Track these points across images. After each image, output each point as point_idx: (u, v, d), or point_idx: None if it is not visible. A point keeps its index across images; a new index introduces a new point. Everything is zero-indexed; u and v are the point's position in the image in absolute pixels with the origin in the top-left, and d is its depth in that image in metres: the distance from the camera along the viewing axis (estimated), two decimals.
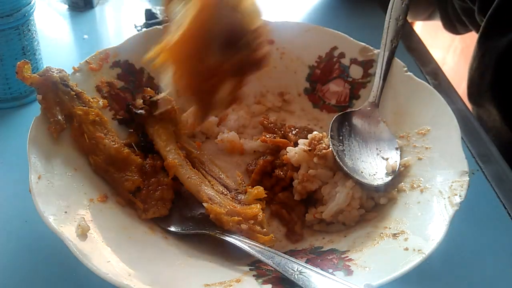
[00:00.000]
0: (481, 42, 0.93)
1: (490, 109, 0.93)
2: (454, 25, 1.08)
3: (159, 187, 0.65)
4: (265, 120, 0.78)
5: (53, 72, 0.65)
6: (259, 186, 0.66)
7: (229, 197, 0.65)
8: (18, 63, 0.63)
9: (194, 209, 0.65)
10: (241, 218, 0.61)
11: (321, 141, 0.68)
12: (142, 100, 0.71)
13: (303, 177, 0.67)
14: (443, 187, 0.60)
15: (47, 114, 0.64)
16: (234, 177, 0.72)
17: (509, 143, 0.84)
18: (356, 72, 0.81)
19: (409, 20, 1.36)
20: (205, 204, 0.62)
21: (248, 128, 0.82)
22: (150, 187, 0.65)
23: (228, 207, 0.62)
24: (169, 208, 0.65)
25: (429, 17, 1.20)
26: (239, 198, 0.66)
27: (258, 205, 0.63)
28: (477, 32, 0.93)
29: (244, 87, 0.63)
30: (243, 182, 0.71)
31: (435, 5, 1.12)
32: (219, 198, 0.63)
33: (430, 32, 1.55)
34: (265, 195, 0.66)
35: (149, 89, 0.74)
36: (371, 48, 0.80)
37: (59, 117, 0.64)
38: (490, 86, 0.91)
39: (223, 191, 0.67)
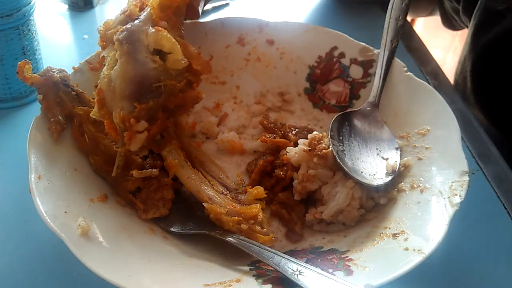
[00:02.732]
0: (466, 45, 0.94)
1: (476, 112, 0.93)
2: (450, 21, 1.09)
3: (159, 187, 0.65)
4: (265, 120, 0.78)
5: (54, 72, 0.65)
6: (259, 186, 0.66)
7: (229, 197, 0.65)
8: (19, 63, 0.63)
9: (194, 209, 0.65)
10: (241, 218, 0.61)
11: (321, 141, 0.68)
12: None
13: (303, 177, 0.67)
14: (443, 187, 0.60)
15: (48, 114, 0.64)
16: (234, 177, 0.72)
17: (500, 143, 0.84)
18: (356, 72, 0.81)
19: (411, 17, 1.36)
20: (205, 204, 0.62)
21: (248, 128, 0.82)
22: (151, 187, 0.65)
23: (228, 207, 0.62)
24: (169, 208, 0.65)
25: (430, 13, 1.20)
26: (239, 198, 0.66)
27: (258, 205, 0.63)
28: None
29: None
30: (243, 182, 0.71)
31: (436, 3, 1.12)
32: (219, 198, 0.63)
33: (430, 32, 1.55)
34: (265, 195, 0.66)
35: None
36: (371, 48, 0.80)
37: (60, 117, 0.64)
38: (472, 91, 0.92)
39: (223, 191, 0.66)
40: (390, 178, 0.66)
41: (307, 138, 0.69)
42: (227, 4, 1.17)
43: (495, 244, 0.67)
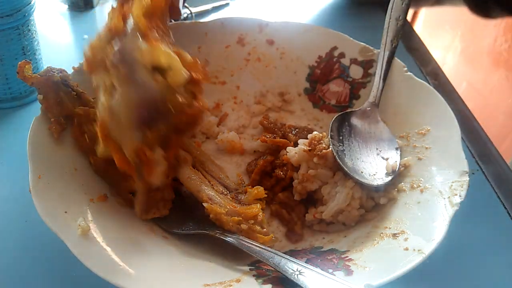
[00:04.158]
0: None
1: None
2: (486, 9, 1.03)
3: (159, 187, 0.65)
4: (265, 120, 0.78)
5: (54, 72, 0.65)
6: (259, 186, 0.66)
7: (229, 197, 0.65)
8: (19, 62, 0.63)
9: (194, 209, 0.65)
10: (241, 218, 0.61)
11: (321, 141, 0.68)
12: None
13: (303, 177, 0.67)
14: (443, 187, 0.60)
15: (48, 114, 0.64)
16: (234, 177, 0.72)
17: None
18: (356, 72, 0.81)
19: (414, 9, 1.34)
20: (205, 204, 0.62)
21: (248, 128, 0.82)
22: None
23: (228, 207, 0.62)
24: (169, 208, 0.65)
25: (435, 3, 1.18)
26: (239, 198, 0.66)
27: (258, 205, 0.63)
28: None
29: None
30: (243, 182, 0.71)
31: None
32: (219, 198, 0.63)
33: (430, 32, 1.55)
34: (265, 195, 0.66)
35: None
36: (371, 48, 0.80)
37: (60, 117, 0.64)
38: None
39: (223, 191, 0.66)
40: (390, 178, 0.66)
41: (307, 138, 0.69)
42: (227, 4, 1.17)
43: (495, 244, 0.67)
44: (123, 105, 0.52)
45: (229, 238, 0.60)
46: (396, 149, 0.69)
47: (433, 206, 0.59)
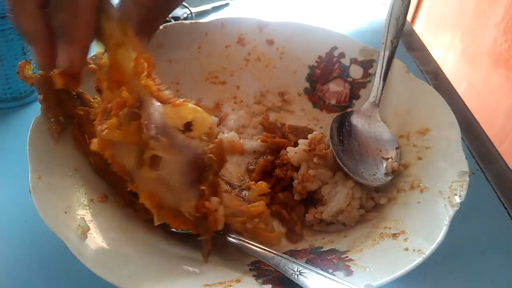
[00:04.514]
0: None
1: None
2: None
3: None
4: (265, 120, 0.78)
5: (54, 71, 0.65)
6: (262, 182, 0.66)
7: (233, 194, 0.66)
8: (20, 63, 0.63)
9: None
10: (246, 218, 0.61)
11: (321, 141, 0.68)
12: None
13: (303, 177, 0.67)
14: (443, 187, 0.60)
15: (48, 114, 0.64)
16: (234, 177, 0.72)
17: None
18: (356, 72, 0.81)
19: None
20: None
21: (248, 128, 0.82)
22: None
23: (232, 206, 0.62)
24: None
25: None
26: (243, 194, 0.66)
27: (263, 202, 0.64)
28: None
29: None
30: (244, 180, 0.71)
31: None
32: (223, 197, 0.63)
33: (430, 32, 1.55)
34: (269, 190, 0.66)
35: None
36: (371, 48, 0.80)
37: (60, 117, 0.64)
38: None
39: (227, 189, 0.67)
40: (390, 178, 0.66)
41: (307, 138, 0.69)
42: (227, 4, 1.17)
43: (495, 244, 0.67)
44: (175, 172, 0.52)
45: (229, 238, 0.60)
46: (396, 149, 0.69)
47: (433, 206, 0.59)
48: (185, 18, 1.06)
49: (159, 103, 0.52)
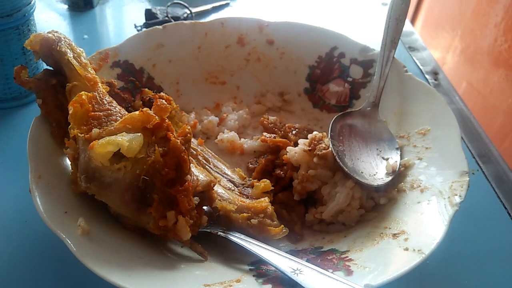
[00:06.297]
0: None
1: None
2: None
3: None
4: (265, 120, 0.78)
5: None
6: (265, 179, 0.67)
7: (236, 192, 0.66)
8: (16, 68, 0.63)
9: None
10: (250, 214, 0.61)
11: (321, 141, 0.68)
12: (141, 101, 0.71)
13: (303, 177, 0.67)
14: (443, 187, 0.60)
15: (49, 119, 0.64)
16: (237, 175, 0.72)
17: None
18: (356, 72, 0.81)
19: None
20: (216, 202, 0.62)
21: (248, 128, 0.82)
22: None
23: (237, 203, 0.62)
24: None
25: None
26: (246, 192, 0.66)
27: (267, 198, 0.64)
28: None
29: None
30: (246, 177, 0.71)
31: None
32: (227, 195, 0.63)
33: (430, 32, 1.55)
34: (272, 187, 0.67)
35: (147, 89, 0.74)
36: (371, 48, 0.80)
37: (61, 121, 0.64)
38: None
39: (231, 187, 0.67)
40: (390, 178, 0.66)
41: (307, 138, 0.69)
42: (227, 4, 1.17)
43: (495, 244, 0.67)
44: (121, 206, 0.55)
45: (231, 237, 0.60)
46: (396, 149, 0.69)
47: (433, 206, 0.59)
48: (185, 18, 1.06)
49: (89, 149, 0.54)
